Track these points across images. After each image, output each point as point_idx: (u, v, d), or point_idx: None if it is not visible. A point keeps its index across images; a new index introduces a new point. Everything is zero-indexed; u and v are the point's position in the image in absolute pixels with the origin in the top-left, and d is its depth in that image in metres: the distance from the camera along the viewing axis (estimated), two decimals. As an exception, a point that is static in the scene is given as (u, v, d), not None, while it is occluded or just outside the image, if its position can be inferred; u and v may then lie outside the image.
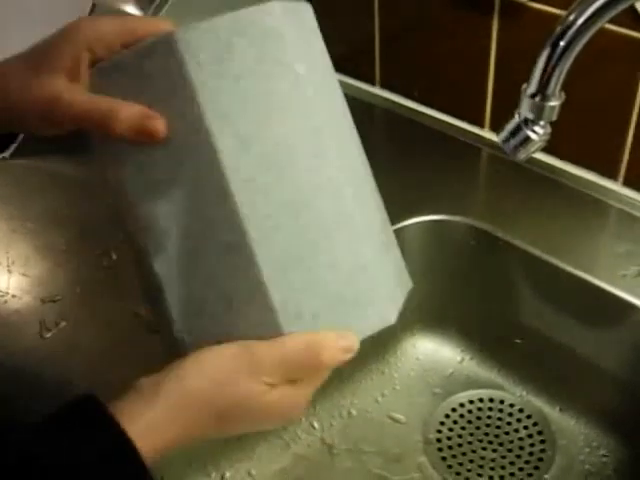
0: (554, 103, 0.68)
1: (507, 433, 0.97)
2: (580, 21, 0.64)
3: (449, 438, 0.96)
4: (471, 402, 1.00)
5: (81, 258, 0.97)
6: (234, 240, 0.53)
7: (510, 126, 0.71)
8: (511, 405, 0.99)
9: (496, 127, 1.06)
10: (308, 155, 0.54)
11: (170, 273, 0.55)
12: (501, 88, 1.05)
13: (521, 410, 0.99)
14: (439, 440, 0.96)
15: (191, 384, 0.53)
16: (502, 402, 1.00)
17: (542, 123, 0.70)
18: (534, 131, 0.70)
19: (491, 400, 1.00)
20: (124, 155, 0.56)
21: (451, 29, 1.06)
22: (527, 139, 0.70)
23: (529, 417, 0.98)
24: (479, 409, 0.99)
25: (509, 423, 0.98)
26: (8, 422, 0.78)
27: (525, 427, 0.97)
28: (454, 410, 0.99)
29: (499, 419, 0.98)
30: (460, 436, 0.97)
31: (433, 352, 1.05)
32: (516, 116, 0.71)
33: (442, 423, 0.98)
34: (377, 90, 1.19)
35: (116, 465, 0.50)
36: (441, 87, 1.12)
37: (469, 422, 0.98)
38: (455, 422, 0.98)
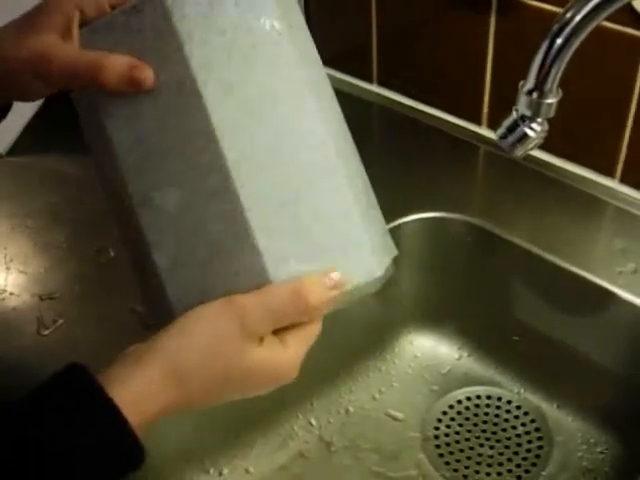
0: (551, 100, 0.68)
1: (504, 430, 0.97)
2: (577, 18, 0.64)
3: (447, 435, 0.97)
4: (469, 399, 1.00)
5: (79, 255, 0.97)
6: (220, 185, 0.55)
7: (507, 123, 0.71)
8: (508, 402, 1.00)
9: (494, 124, 1.07)
10: (291, 105, 0.57)
11: (157, 224, 0.57)
12: (498, 85, 1.05)
13: (518, 407, 0.99)
14: (437, 437, 0.97)
15: (179, 346, 0.54)
16: (499, 399, 1.00)
17: (539, 120, 0.70)
18: (531, 128, 0.70)
19: (489, 397, 1.00)
20: (110, 110, 0.57)
21: (449, 27, 1.06)
22: (524, 136, 0.70)
23: (526, 414, 0.98)
24: (477, 406, 1.00)
25: (506, 420, 0.98)
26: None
27: (522, 424, 0.97)
28: (451, 407, 1.00)
29: (496, 416, 0.98)
30: (458, 433, 0.97)
31: (431, 349, 1.05)
32: (513, 113, 0.71)
33: (440, 420, 0.98)
34: (375, 88, 1.19)
35: (106, 436, 0.51)
36: (439, 85, 1.12)
37: (467, 419, 0.98)
38: (453, 419, 0.98)
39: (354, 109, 0.61)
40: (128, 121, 0.57)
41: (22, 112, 1.16)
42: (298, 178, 0.56)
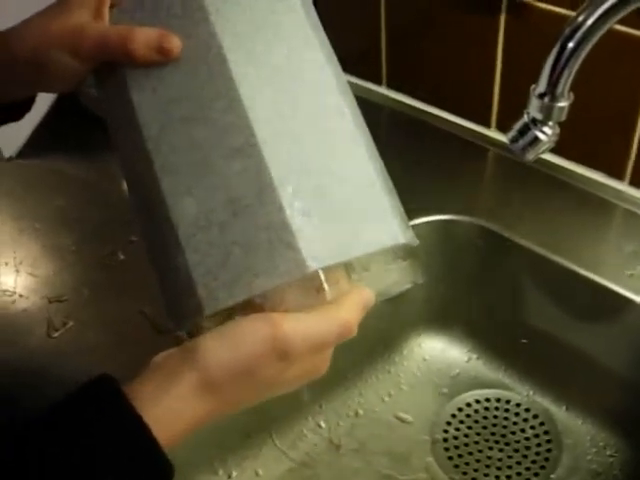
0: (563, 104, 0.68)
1: (513, 433, 0.97)
2: (589, 22, 0.64)
3: (456, 438, 0.97)
4: (477, 402, 1.00)
5: (89, 258, 0.97)
6: (243, 142, 0.55)
7: (518, 126, 0.71)
8: (517, 405, 0.99)
9: (503, 127, 1.07)
10: (311, 79, 0.59)
11: (177, 189, 0.56)
12: (508, 88, 1.05)
13: (527, 410, 0.99)
14: (446, 440, 0.96)
15: (215, 364, 0.53)
16: (508, 402, 1.00)
17: (551, 124, 0.70)
18: (543, 132, 0.70)
19: (498, 400, 1.00)
20: (137, 83, 0.59)
21: (458, 29, 1.06)
22: (536, 139, 0.70)
23: (535, 417, 0.98)
24: (486, 409, 0.99)
25: (515, 423, 0.98)
26: (14, 420, 0.78)
27: (532, 427, 0.97)
28: (461, 410, 1.00)
29: (505, 419, 0.98)
30: (467, 436, 0.97)
31: (440, 352, 1.05)
32: (525, 116, 0.70)
33: (449, 423, 0.98)
34: (384, 90, 1.19)
35: (135, 457, 0.50)
36: (448, 87, 1.12)
37: (476, 422, 0.98)
38: (462, 422, 0.98)
39: (363, 111, 0.61)
40: (154, 92, 0.58)
41: (32, 115, 1.16)
42: (319, 142, 0.57)
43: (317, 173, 0.56)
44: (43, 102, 1.16)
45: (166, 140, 0.57)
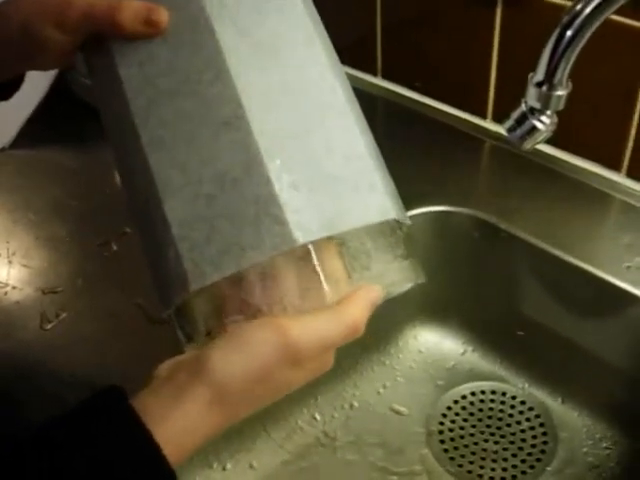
0: (561, 92, 0.67)
1: (509, 425, 0.96)
2: (587, 10, 0.63)
3: (451, 430, 0.96)
4: (473, 394, 1.00)
5: (82, 249, 0.97)
6: (231, 114, 0.55)
7: (516, 115, 0.71)
8: (513, 397, 0.99)
9: (499, 118, 1.07)
10: (301, 53, 0.58)
11: (164, 162, 0.56)
12: (504, 79, 1.04)
13: (523, 402, 0.98)
14: (441, 432, 0.96)
15: (225, 375, 0.52)
16: (504, 394, 0.99)
17: (549, 112, 0.69)
18: (540, 121, 0.69)
19: (493, 392, 1.00)
20: (123, 57, 0.58)
21: (454, 19, 1.06)
22: (533, 129, 0.70)
23: (531, 409, 0.98)
24: (481, 401, 0.99)
25: (511, 415, 0.97)
26: (9, 414, 0.78)
27: (527, 419, 0.97)
28: (456, 402, 0.99)
29: (501, 411, 0.98)
30: (462, 428, 0.96)
31: (435, 344, 1.05)
32: (522, 105, 0.70)
33: (444, 415, 0.98)
34: (379, 81, 1.19)
35: (144, 476, 0.49)
36: (444, 78, 1.12)
37: (471, 414, 0.98)
38: (457, 414, 0.98)
39: (358, 102, 0.60)
40: (141, 66, 0.57)
41: (25, 105, 1.15)
42: (309, 114, 0.56)
43: (306, 146, 0.55)
44: (36, 92, 1.15)
45: (153, 113, 0.56)
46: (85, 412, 0.51)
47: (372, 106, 1.17)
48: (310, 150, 0.55)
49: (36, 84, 1.15)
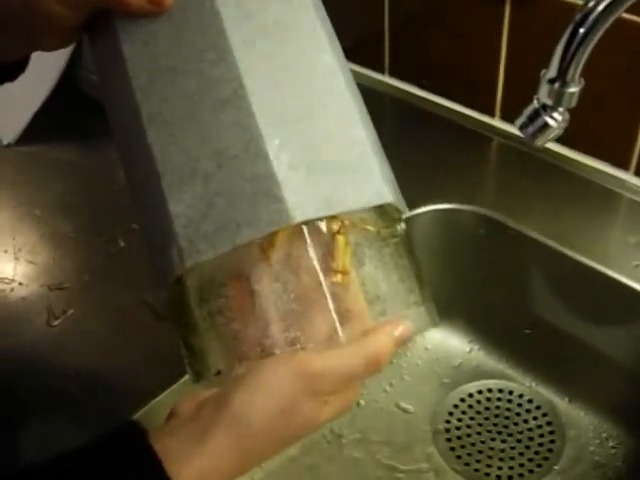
0: (573, 89, 0.67)
1: (516, 424, 0.96)
2: (600, 8, 0.63)
3: (458, 428, 0.96)
4: (480, 392, 1.00)
5: (88, 245, 0.97)
6: (232, 94, 0.55)
7: (528, 112, 0.70)
8: (520, 396, 0.99)
9: (507, 116, 1.07)
10: (304, 37, 0.58)
11: (164, 139, 0.55)
12: (512, 77, 1.04)
13: (530, 401, 0.98)
14: (448, 430, 0.96)
15: (248, 416, 0.50)
16: (511, 393, 0.99)
17: (561, 109, 0.69)
18: (552, 117, 0.69)
19: (500, 391, 1.00)
20: (127, 35, 0.58)
21: (462, 16, 1.05)
22: (545, 125, 0.69)
23: (538, 408, 0.97)
24: (488, 399, 0.99)
25: (518, 414, 0.97)
26: (15, 410, 0.78)
27: (534, 418, 0.97)
28: (463, 400, 0.99)
29: (508, 410, 0.98)
30: (469, 426, 0.96)
31: (441, 342, 1.04)
32: (534, 102, 0.70)
33: (451, 413, 0.98)
34: (386, 78, 1.19)
35: None
36: (451, 75, 1.11)
37: (478, 412, 0.97)
38: (464, 412, 0.98)
39: (365, 100, 0.60)
40: (145, 45, 0.58)
41: (31, 102, 1.15)
42: (310, 97, 0.56)
43: (305, 127, 0.55)
44: (43, 89, 1.15)
45: (155, 91, 0.57)
46: (103, 450, 0.50)
47: (379, 104, 1.16)
48: (309, 133, 0.55)
49: (42, 81, 1.15)
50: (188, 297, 0.56)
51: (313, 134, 0.55)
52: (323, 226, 0.55)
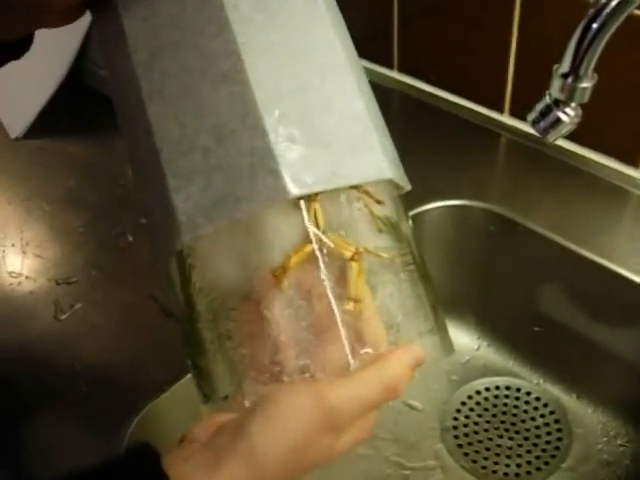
0: (586, 84, 0.67)
1: (524, 421, 0.96)
2: (613, 3, 0.63)
3: (465, 425, 0.96)
4: (488, 390, 1.00)
5: (97, 240, 0.97)
6: (230, 68, 0.55)
7: (540, 107, 0.70)
8: (528, 393, 0.99)
9: (516, 112, 1.06)
10: (304, 11, 0.57)
11: (163, 114, 0.55)
12: (522, 73, 1.03)
13: (538, 398, 0.98)
14: (455, 427, 0.96)
15: (263, 447, 0.49)
16: (519, 390, 0.99)
17: (573, 105, 0.68)
18: (565, 113, 0.69)
19: (508, 388, 0.99)
20: (129, 11, 0.58)
21: (471, 12, 1.05)
22: (557, 121, 0.69)
23: (546, 405, 0.97)
24: (496, 397, 0.99)
25: (526, 411, 0.97)
26: (22, 405, 0.77)
27: (542, 415, 0.96)
28: (470, 397, 0.99)
29: (516, 407, 0.97)
30: (477, 424, 0.96)
31: (449, 339, 1.04)
32: (547, 97, 0.69)
33: (458, 410, 0.97)
34: (395, 74, 1.18)
35: None
36: (460, 71, 1.11)
37: (486, 410, 0.97)
38: (472, 410, 0.97)
39: (374, 95, 0.60)
40: (145, 21, 0.57)
41: (39, 96, 1.15)
42: (309, 71, 0.56)
43: (304, 101, 0.55)
44: (50, 83, 1.15)
45: (155, 66, 0.56)
46: (116, 472, 0.49)
47: (388, 99, 1.16)
48: (308, 106, 0.55)
49: (50, 75, 1.15)
50: (199, 319, 0.56)
51: (312, 108, 0.55)
52: (336, 251, 0.54)
